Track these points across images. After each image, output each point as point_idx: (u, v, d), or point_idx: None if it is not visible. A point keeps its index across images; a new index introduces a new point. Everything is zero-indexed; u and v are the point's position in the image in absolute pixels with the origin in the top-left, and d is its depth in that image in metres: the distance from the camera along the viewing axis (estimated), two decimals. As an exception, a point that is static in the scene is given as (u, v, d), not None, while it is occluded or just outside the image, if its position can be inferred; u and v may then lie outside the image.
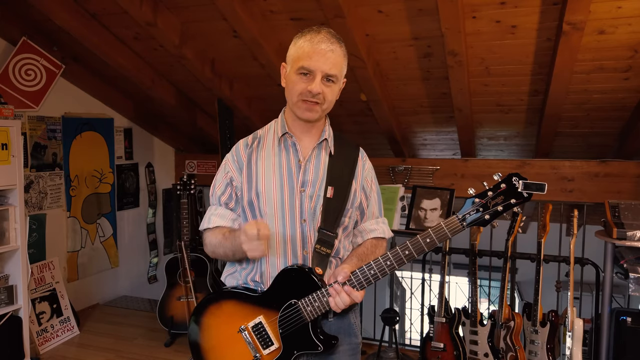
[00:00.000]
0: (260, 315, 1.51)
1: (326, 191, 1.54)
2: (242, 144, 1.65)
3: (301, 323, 1.48)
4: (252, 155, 1.60)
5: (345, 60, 1.56)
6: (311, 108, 1.52)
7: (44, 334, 3.67)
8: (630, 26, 2.70)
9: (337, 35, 1.54)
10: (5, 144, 3.04)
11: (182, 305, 3.77)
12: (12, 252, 3.17)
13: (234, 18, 3.01)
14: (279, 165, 1.56)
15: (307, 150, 1.59)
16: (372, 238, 1.65)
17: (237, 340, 1.52)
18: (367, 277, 1.44)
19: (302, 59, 1.49)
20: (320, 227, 1.52)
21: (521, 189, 1.37)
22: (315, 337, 1.48)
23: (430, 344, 3.27)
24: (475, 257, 3.28)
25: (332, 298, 1.44)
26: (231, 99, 4.03)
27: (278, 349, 1.49)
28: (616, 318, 3.01)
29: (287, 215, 1.53)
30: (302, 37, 1.53)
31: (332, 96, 1.54)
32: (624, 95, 3.27)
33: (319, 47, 1.48)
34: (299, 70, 1.50)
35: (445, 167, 4.22)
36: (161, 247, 5.25)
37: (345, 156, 1.61)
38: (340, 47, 1.52)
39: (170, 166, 5.33)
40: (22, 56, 3.66)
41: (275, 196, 1.53)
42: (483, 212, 1.38)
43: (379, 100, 3.63)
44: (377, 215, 1.67)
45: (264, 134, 1.65)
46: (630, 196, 3.70)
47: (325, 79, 1.50)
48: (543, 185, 1.34)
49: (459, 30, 2.81)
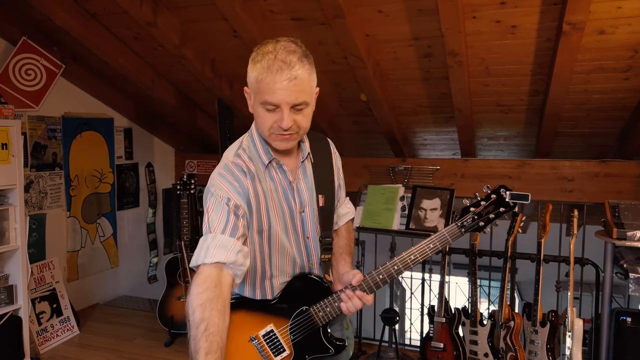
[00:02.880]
0: (271, 324, 1.51)
1: (318, 202, 1.55)
2: (233, 168, 1.44)
3: (312, 329, 1.49)
4: (255, 178, 1.46)
5: (312, 75, 1.38)
6: (286, 139, 1.41)
7: (43, 333, 3.67)
8: (630, 26, 2.70)
9: (296, 47, 1.36)
10: (5, 144, 3.04)
11: (182, 305, 3.77)
12: (12, 252, 3.17)
13: (234, 18, 3.01)
14: (275, 191, 1.49)
15: (294, 171, 1.52)
16: (345, 223, 1.73)
17: (248, 350, 1.50)
18: (376, 282, 1.48)
19: (264, 92, 1.34)
20: (321, 237, 1.56)
21: (508, 199, 1.53)
22: (326, 341, 1.50)
23: (430, 344, 3.27)
24: (475, 257, 3.28)
25: (344, 303, 1.46)
26: (231, 99, 4.03)
27: (289, 356, 1.50)
28: (616, 318, 3.01)
29: (291, 237, 1.53)
30: (259, 62, 1.35)
31: (307, 120, 1.41)
32: (624, 95, 3.27)
33: (280, 78, 1.31)
34: (263, 104, 1.36)
35: (445, 167, 4.22)
36: (161, 247, 5.25)
37: (322, 156, 1.61)
38: (302, 65, 1.33)
39: (170, 166, 5.33)
40: (22, 56, 3.66)
41: (279, 223, 1.49)
42: (478, 219, 1.54)
43: (379, 100, 3.63)
44: (345, 197, 1.74)
45: (250, 158, 1.48)
46: (630, 196, 3.70)
47: (293, 109, 1.36)
48: (527, 196, 1.52)
49: (459, 30, 2.81)
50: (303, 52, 1.37)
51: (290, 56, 1.33)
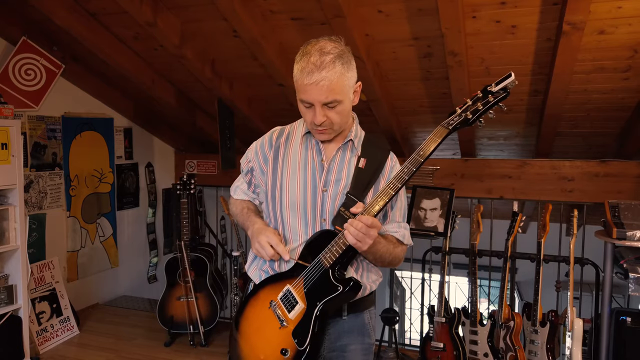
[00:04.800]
0: (287, 284, 1.54)
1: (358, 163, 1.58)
2: (266, 139, 1.68)
3: (321, 271, 1.48)
4: (280, 149, 1.63)
5: (344, 75, 1.47)
6: (322, 132, 1.54)
7: (43, 333, 3.67)
8: (630, 26, 2.70)
9: (332, 47, 1.46)
10: (5, 144, 3.04)
11: (182, 305, 3.77)
12: (12, 252, 3.17)
13: (234, 18, 3.01)
14: (303, 163, 1.59)
15: (331, 151, 1.60)
16: (395, 237, 1.63)
17: (268, 317, 1.54)
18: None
19: (300, 91, 1.49)
20: (349, 192, 1.54)
21: (494, 88, 1.49)
22: (334, 279, 1.47)
23: (430, 344, 3.27)
24: (475, 257, 3.28)
25: (347, 231, 1.42)
26: (231, 99, 4.03)
27: (303, 309, 1.50)
28: (616, 318, 3.01)
29: (308, 214, 1.56)
30: (298, 63, 1.48)
31: (341, 116, 1.51)
32: (624, 95, 3.27)
33: (310, 79, 1.43)
34: (300, 101, 1.51)
35: (445, 167, 4.22)
36: (161, 247, 5.25)
37: (373, 158, 1.60)
38: (333, 67, 1.43)
39: (170, 166, 5.33)
40: (22, 56, 3.66)
41: (298, 194, 1.57)
42: (464, 112, 1.50)
43: (379, 100, 3.63)
44: (399, 220, 1.66)
45: (292, 130, 1.67)
46: (630, 196, 3.70)
47: (326, 106, 1.48)
48: (509, 74, 1.47)
49: (459, 30, 2.81)
50: (338, 53, 1.46)
51: (323, 57, 1.44)
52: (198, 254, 3.85)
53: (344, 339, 1.59)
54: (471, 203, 4.13)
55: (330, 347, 1.58)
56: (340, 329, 1.57)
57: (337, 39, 1.51)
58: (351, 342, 1.58)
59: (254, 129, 4.41)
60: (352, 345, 1.58)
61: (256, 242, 1.55)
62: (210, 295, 3.81)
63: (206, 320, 3.77)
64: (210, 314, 3.79)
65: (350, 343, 1.59)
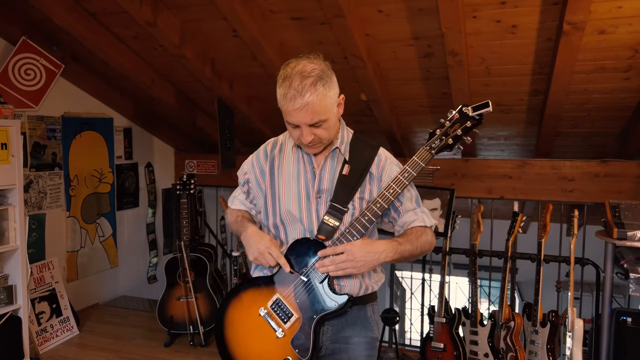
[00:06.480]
0: (276, 293, 1.56)
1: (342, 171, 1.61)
2: (262, 151, 1.71)
3: (313, 286, 1.52)
4: (275, 161, 1.67)
5: (326, 96, 1.47)
6: (312, 147, 1.57)
7: (43, 333, 3.66)
8: (630, 26, 2.70)
9: (312, 68, 1.46)
10: (4, 144, 3.04)
11: (182, 306, 3.76)
12: (12, 252, 3.16)
13: (234, 18, 3.01)
14: (296, 173, 1.63)
15: (320, 159, 1.64)
16: (416, 227, 1.63)
17: (259, 324, 1.56)
18: (362, 224, 1.50)
19: (284, 114, 1.51)
20: (331, 200, 1.57)
21: (471, 113, 1.54)
22: (328, 296, 1.51)
23: (431, 344, 3.27)
24: (476, 257, 3.28)
25: (331, 268, 1.48)
26: (231, 99, 4.03)
27: (299, 319, 1.52)
28: (616, 318, 3.00)
29: (305, 222, 1.59)
30: (279, 87, 1.49)
31: (328, 131, 1.54)
32: (624, 95, 3.27)
33: (293, 105, 1.45)
34: (287, 122, 1.53)
35: (445, 167, 4.21)
36: (161, 247, 5.24)
37: (358, 161, 1.62)
38: (315, 90, 1.43)
39: (170, 166, 5.33)
40: (21, 56, 3.66)
41: (294, 204, 1.61)
42: (445, 138, 1.55)
43: (379, 100, 3.63)
44: (413, 207, 1.65)
45: (284, 141, 1.70)
46: (630, 196, 3.69)
47: (312, 126, 1.50)
48: (487, 103, 1.52)
49: (459, 30, 2.81)
50: (317, 74, 1.46)
51: (304, 82, 1.44)
52: (198, 254, 3.84)
53: (347, 331, 1.61)
54: (471, 203, 4.13)
55: (334, 337, 1.60)
56: (343, 320, 1.60)
57: (316, 56, 1.52)
58: (354, 335, 1.61)
59: (254, 129, 4.41)
60: (355, 338, 1.61)
61: (255, 250, 1.56)
62: (210, 295, 3.81)
63: (206, 320, 3.77)
64: (210, 314, 3.79)
65: (353, 335, 1.61)
